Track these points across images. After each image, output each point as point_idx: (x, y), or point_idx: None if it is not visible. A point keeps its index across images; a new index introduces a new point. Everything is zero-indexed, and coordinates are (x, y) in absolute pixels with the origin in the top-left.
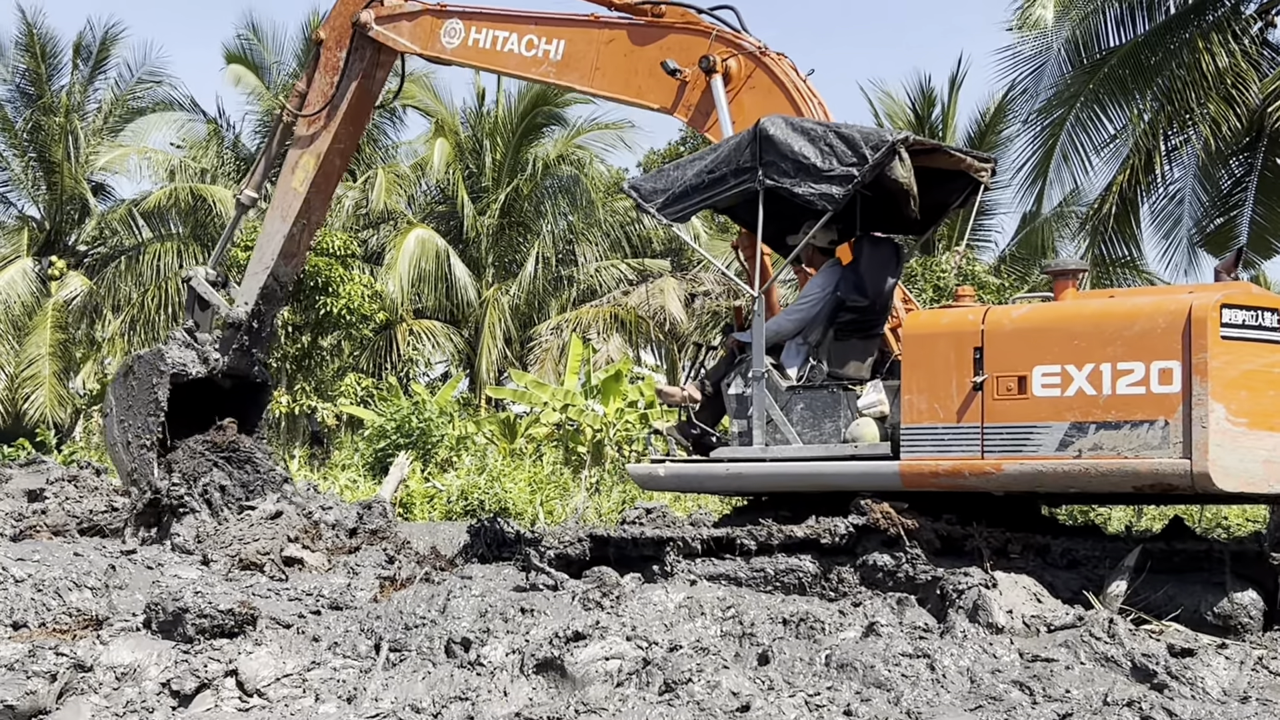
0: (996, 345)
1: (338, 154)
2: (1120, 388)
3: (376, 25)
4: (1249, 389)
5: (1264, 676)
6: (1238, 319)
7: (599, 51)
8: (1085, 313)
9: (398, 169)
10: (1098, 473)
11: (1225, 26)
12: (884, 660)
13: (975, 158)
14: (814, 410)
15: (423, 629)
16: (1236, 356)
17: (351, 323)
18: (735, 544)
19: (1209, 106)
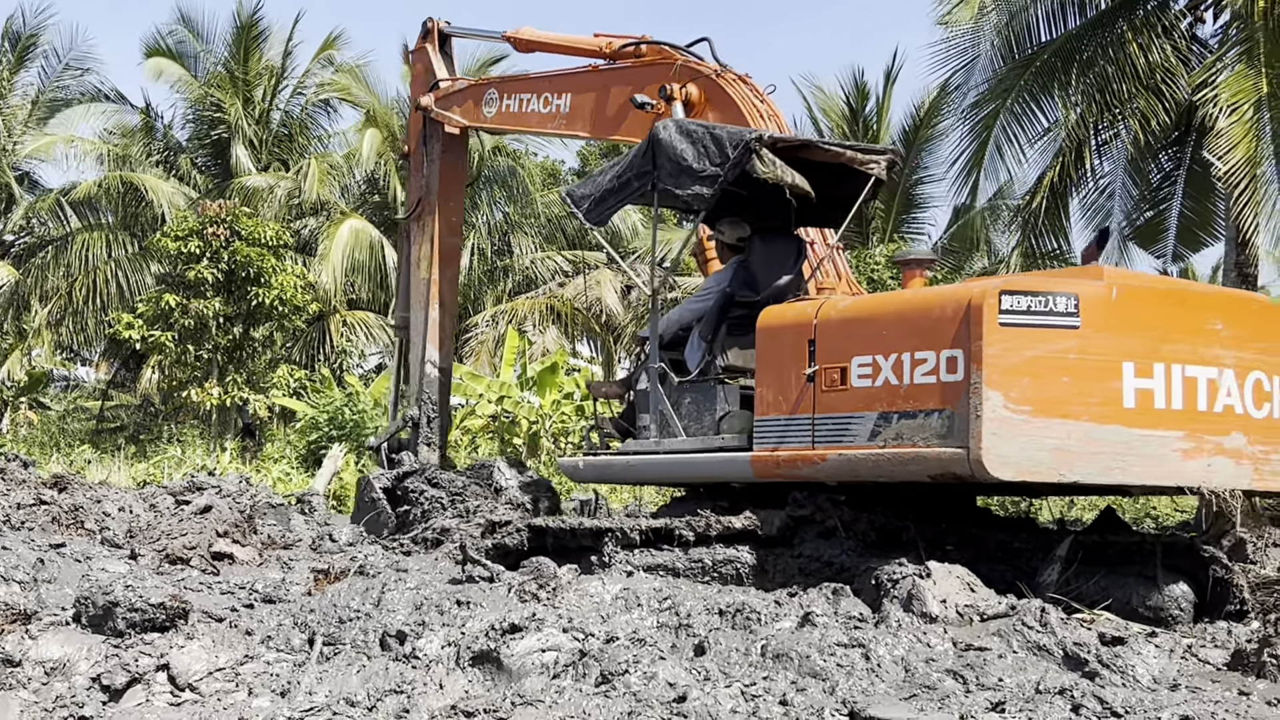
0: (825, 338)
1: (447, 232)
2: (916, 377)
3: (436, 107)
4: (1033, 376)
5: (1193, 665)
6: (1020, 305)
7: (596, 99)
8: (892, 304)
9: (330, 159)
10: (899, 462)
11: (1155, 21)
12: (819, 650)
13: (860, 151)
14: (698, 403)
15: (357, 622)
16: (1017, 343)
17: (284, 314)
18: (673, 535)
19: (1139, 101)
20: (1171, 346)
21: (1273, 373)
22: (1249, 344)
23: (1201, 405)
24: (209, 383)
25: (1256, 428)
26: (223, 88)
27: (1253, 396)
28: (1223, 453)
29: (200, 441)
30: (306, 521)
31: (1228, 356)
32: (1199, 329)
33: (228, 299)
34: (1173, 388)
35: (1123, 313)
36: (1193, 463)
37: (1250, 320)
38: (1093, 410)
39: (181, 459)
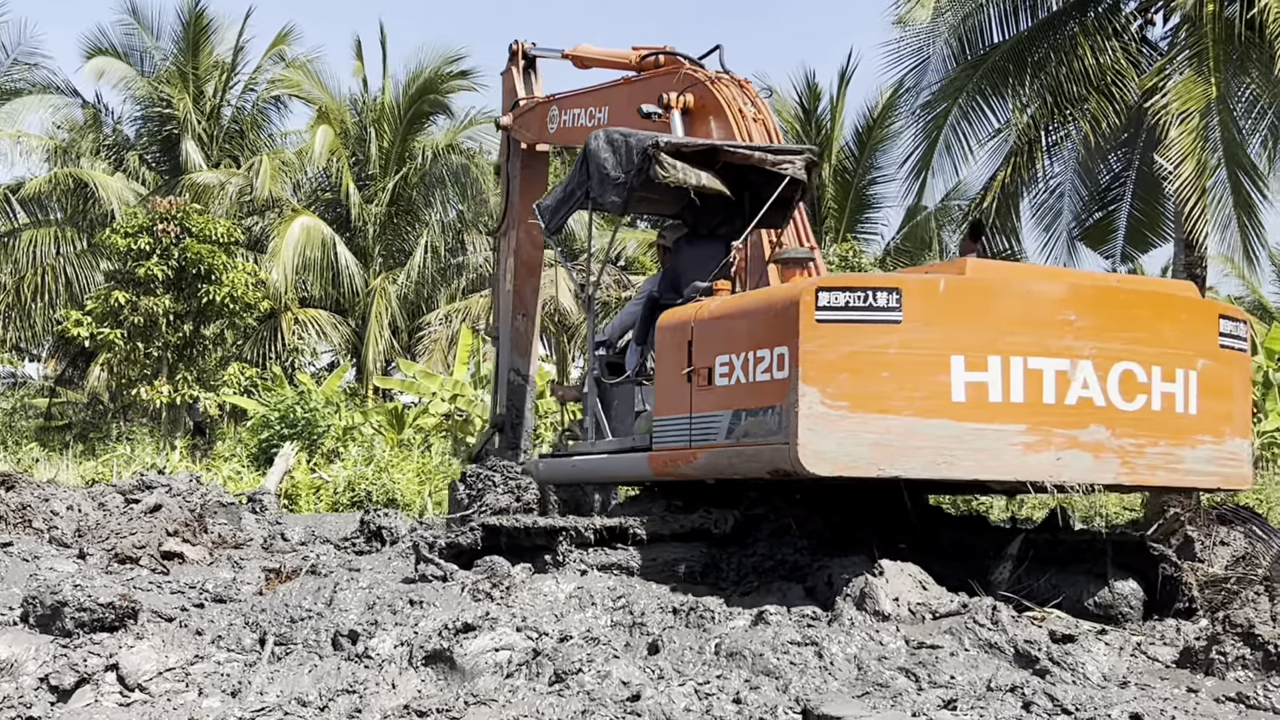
0: (698, 338)
1: (529, 244)
2: (758, 375)
3: (514, 125)
4: (851, 371)
5: (1143, 662)
6: (838, 301)
7: (624, 111)
8: (745, 303)
9: (283, 155)
10: (744, 459)
11: (1105, 24)
12: (773, 648)
13: (773, 152)
14: (623, 404)
15: (309, 621)
16: (834, 340)
17: (235, 311)
18: (627, 534)
19: (1089, 103)
20: (1011, 338)
21: (1152, 363)
22: (1116, 334)
23: (1048, 398)
24: (159, 380)
25: (1125, 420)
26: (172, 84)
27: (1119, 388)
28: (1077, 446)
29: (150, 440)
30: (258, 520)
31: (1084, 347)
32: (1047, 320)
33: (178, 296)
34: (1011, 380)
35: (952, 306)
36: (1037, 457)
37: (1123, 310)
38: (916, 405)
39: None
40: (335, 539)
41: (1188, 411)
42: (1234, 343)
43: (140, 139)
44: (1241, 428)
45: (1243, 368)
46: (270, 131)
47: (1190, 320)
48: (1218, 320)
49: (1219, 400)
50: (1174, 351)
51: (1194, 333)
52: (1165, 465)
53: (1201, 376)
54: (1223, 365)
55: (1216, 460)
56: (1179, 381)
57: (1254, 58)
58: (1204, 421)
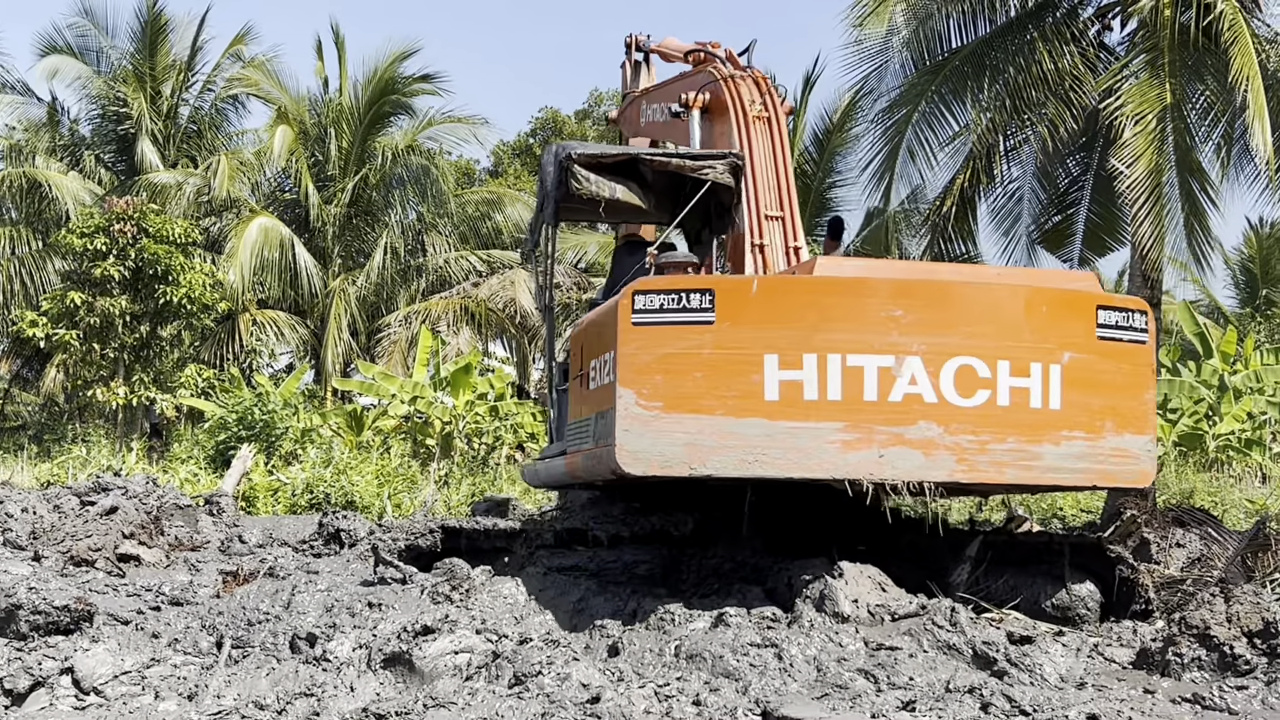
0: (579, 343)
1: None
2: (603, 379)
3: (620, 118)
4: (666, 373)
5: (1100, 663)
6: (653, 305)
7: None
8: (601, 308)
9: (241, 156)
10: (593, 462)
11: (1063, 29)
12: (732, 650)
13: (692, 158)
14: (565, 410)
15: (266, 624)
16: (649, 342)
17: (192, 312)
18: (587, 536)
19: (1047, 107)
20: (829, 336)
21: (997, 358)
22: (952, 329)
23: (869, 395)
24: (115, 382)
25: (962, 417)
26: (128, 83)
27: (954, 384)
28: (904, 443)
29: (106, 441)
30: (215, 523)
31: (912, 344)
32: (869, 317)
33: (134, 297)
34: (829, 378)
35: (767, 306)
36: (857, 454)
37: (962, 305)
38: (728, 404)
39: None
40: (293, 541)
41: (1047, 406)
42: (1118, 334)
43: (96, 138)
44: (1134, 422)
45: (1135, 359)
46: (228, 131)
47: (1052, 312)
48: (1094, 311)
49: (1096, 394)
50: (1029, 345)
51: (1057, 325)
52: (1016, 462)
53: (1069, 370)
54: (1102, 357)
55: (1092, 457)
56: (1034, 376)
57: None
58: (1072, 416)
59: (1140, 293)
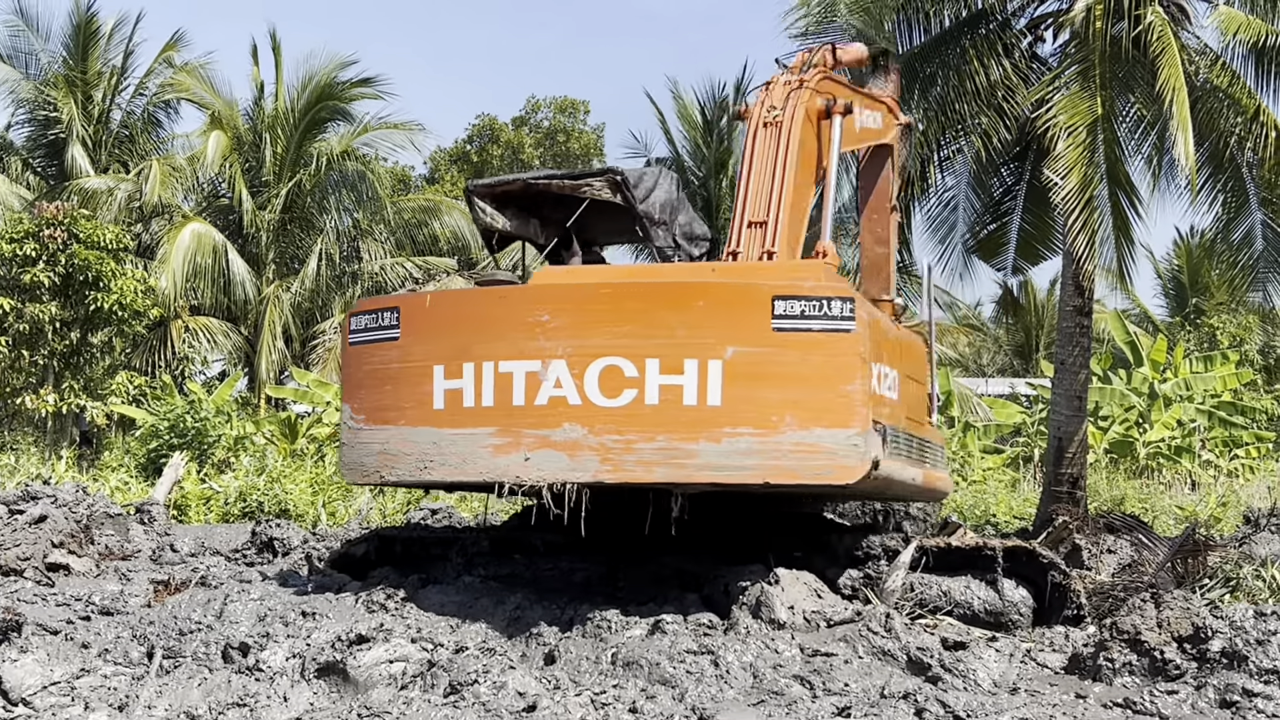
0: None
1: (872, 242)
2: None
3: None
4: (368, 388)
5: (1032, 668)
6: (360, 324)
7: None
8: None
9: (173, 161)
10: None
11: (996, 40)
12: (669, 657)
13: (572, 178)
14: None
15: (198, 634)
16: (359, 359)
17: (124, 319)
18: (523, 544)
19: (981, 118)
20: (485, 345)
21: (646, 356)
22: (598, 331)
23: (518, 400)
24: (44, 389)
25: (606, 417)
26: (58, 87)
27: (599, 385)
28: (549, 446)
29: (35, 450)
30: (146, 532)
31: (557, 347)
32: (519, 323)
33: (65, 303)
34: (483, 386)
35: (436, 318)
36: (506, 458)
37: (611, 305)
38: (407, 415)
39: (15, 467)
40: (226, 550)
41: (704, 403)
42: (803, 324)
43: (25, 143)
44: (827, 415)
45: (830, 349)
46: (161, 137)
47: (712, 308)
48: (770, 304)
49: (771, 388)
50: (682, 342)
51: (719, 320)
52: (666, 460)
53: (732, 365)
54: (781, 350)
55: (765, 453)
56: (689, 373)
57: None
58: (737, 412)
59: (1072, 301)
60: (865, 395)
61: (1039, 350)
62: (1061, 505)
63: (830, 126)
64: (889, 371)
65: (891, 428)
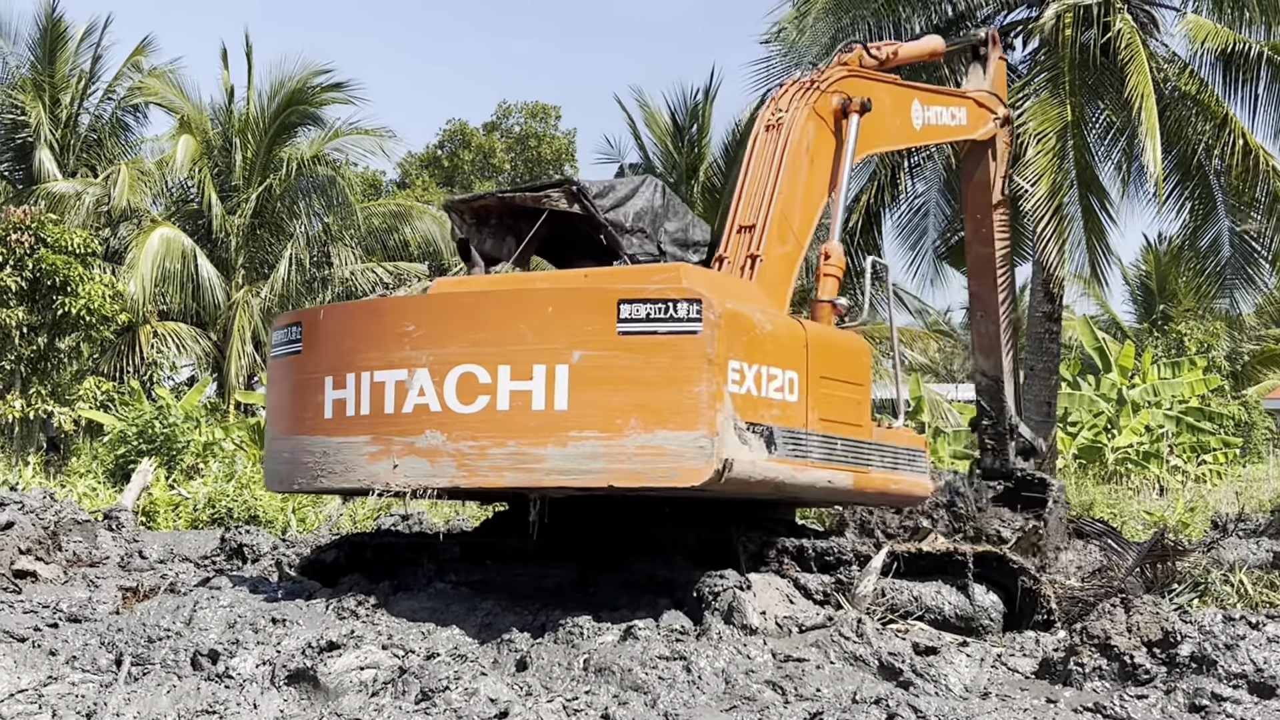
0: None
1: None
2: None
3: None
4: (281, 400)
5: (1003, 673)
6: (279, 339)
7: None
8: None
9: (142, 165)
10: None
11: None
12: (641, 663)
13: (532, 190)
14: None
15: (167, 641)
16: (278, 373)
17: (91, 324)
18: (495, 550)
19: None
20: (364, 356)
21: (498, 363)
22: (456, 338)
23: (388, 408)
24: (11, 394)
25: (463, 423)
26: (26, 91)
27: (456, 392)
28: (414, 453)
29: (2, 455)
30: (114, 538)
31: (421, 356)
32: (391, 334)
33: (32, 308)
34: (362, 395)
35: (329, 331)
36: (378, 465)
37: (467, 313)
38: (306, 425)
39: None
40: (195, 557)
41: (551, 408)
42: (649, 326)
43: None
44: (673, 417)
45: (677, 351)
46: (129, 141)
47: (561, 313)
48: (616, 307)
49: (616, 392)
50: (532, 348)
51: (567, 325)
52: (516, 466)
53: (579, 369)
54: (626, 353)
55: (610, 457)
56: (538, 378)
57: (1108, 83)
58: (583, 416)
59: (1042, 307)
60: (712, 397)
61: None
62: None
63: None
64: (779, 372)
65: (785, 429)
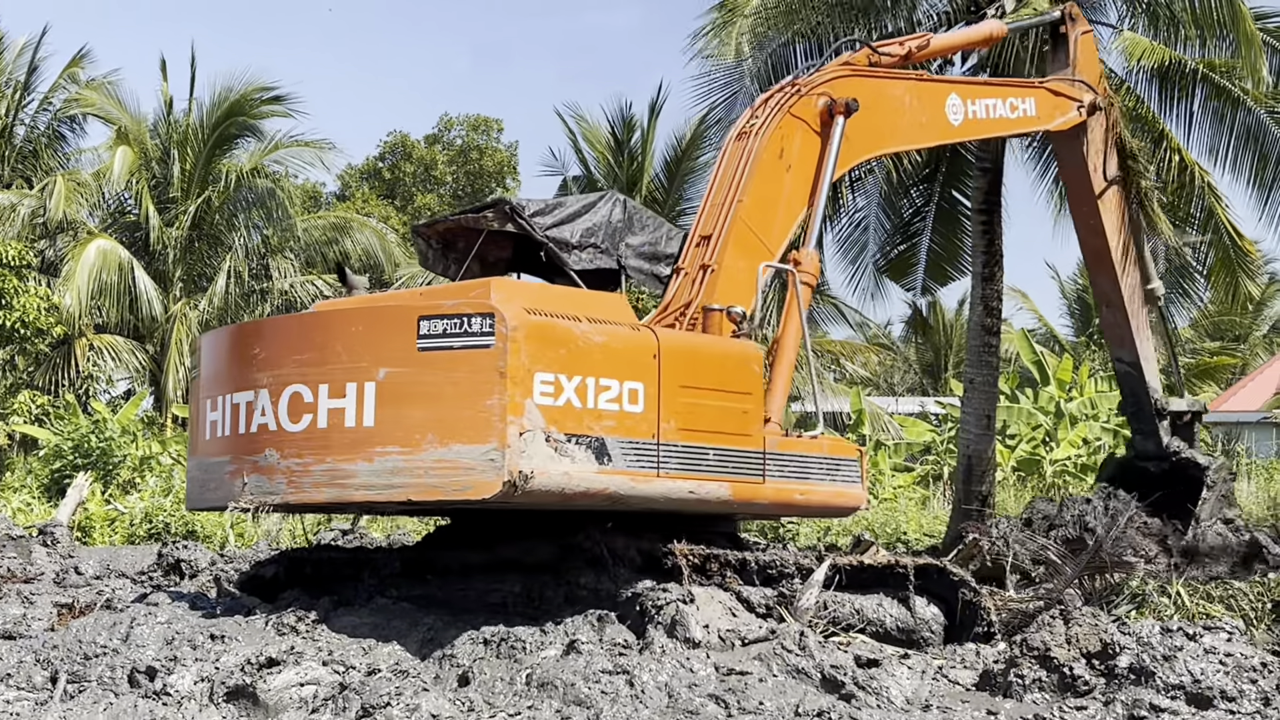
0: None
1: (1087, 233)
2: None
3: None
4: (189, 421)
5: (944, 686)
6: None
7: None
8: None
9: (78, 177)
10: None
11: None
12: (584, 678)
13: (472, 212)
14: None
15: (104, 658)
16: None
17: (26, 337)
18: (438, 564)
19: None
20: (228, 378)
21: (319, 382)
22: (288, 359)
23: (240, 429)
24: None
25: (291, 442)
26: None
27: (288, 412)
28: (257, 471)
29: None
30: (49, 554)
31: (263, 378)
32: (245, 357)
33: None
34: (224, 416)
35: (209, 354)
36: (234, 483)
37: (298, 334)
38: (196, 445)
39: None
40: (132, 573)
41: (361, 425)
42: (445, 342)
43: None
44: (466, 431)
45: (471, 366)
46: (66, 152)
47: (369, 331)
48: (416, 324)
49: (416, 407)
50: (346, 366)
51: (375, 343)
52: (330, 482)
53: (384, 386)
54: (425, 369)
55: (409, 472)
56: (350, 396)
57: None
58: (387, 432)
59: (982, 321)
60: (505, 410)
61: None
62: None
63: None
64: (613, 383)
65: (624, 440)
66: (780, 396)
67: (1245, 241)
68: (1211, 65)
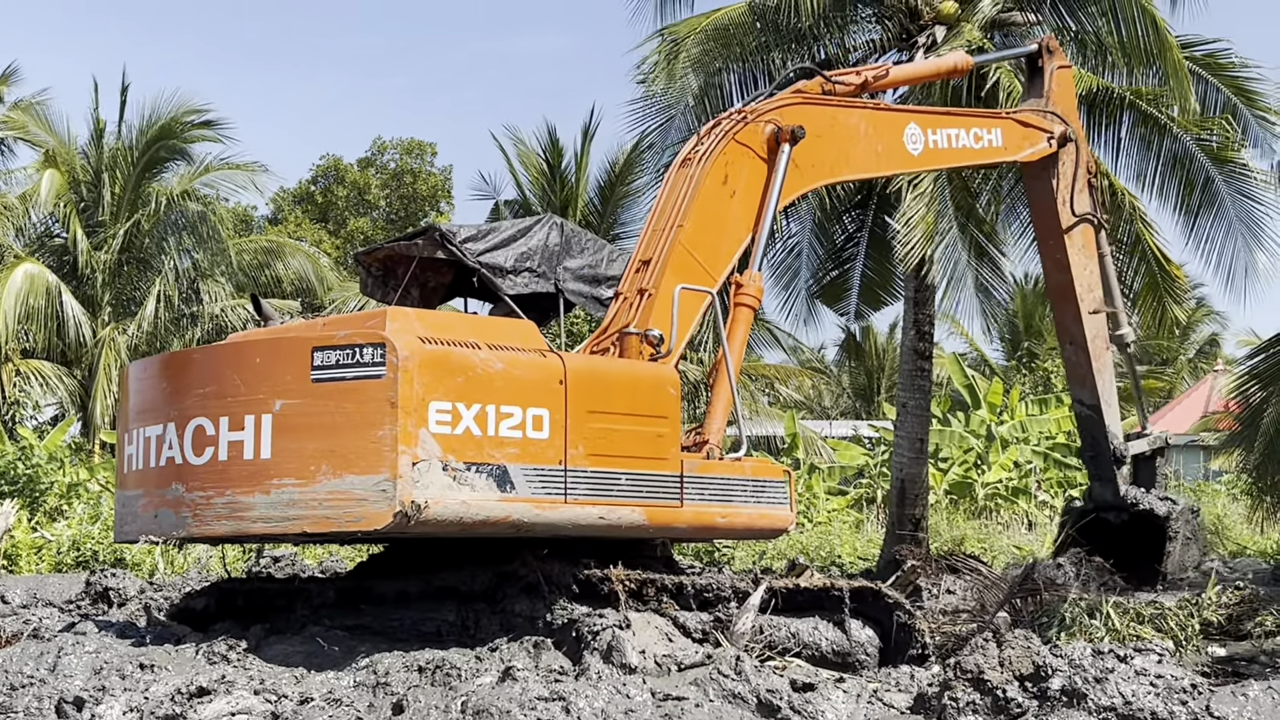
0: None
1: (1052, 268)
2: None
3: None
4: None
5: (879, 709)
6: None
7: None
8: None
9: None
10: None
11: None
12: (520, 705)
13: (406, 240)
14: None
15: (30, 689)
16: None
17: None
18: (372, 593)
19: None
20: (143, 411)
21: (220, 414)
22: (191, 392)
23: (151, 462)
24: None
25: (196, 475)
26: None
27: (192, 445)
28: (167, 504)
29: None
30: None
31: (172, 411)
32: (156, 390)
33: None
34: (138, 450)
35: (132, 385)
36: (147, 516)
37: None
38: (120, 478)
39: None
40: (59, 601)
41: (258, 457)
42: (337, 373)
43: None
44: (357, 462)
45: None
46: None
47: (266, 362)
48: (310, 355)
49: (311, 438)
50: (244, 398)
51: (271, 374)
52: (230, 515)
53: (280, 417)
54: (319, 400)
55: (304, 503)
56: (248, 428)
57: None
58: (283, 464)
59: (914, 345)
60: (396, 440)
61: (881, 393)
62: (905, 546)
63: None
64: (515, 410)
65: (528, 467)
66: (719, 419)
67: (1173, 266)
68: (1139, 93)
